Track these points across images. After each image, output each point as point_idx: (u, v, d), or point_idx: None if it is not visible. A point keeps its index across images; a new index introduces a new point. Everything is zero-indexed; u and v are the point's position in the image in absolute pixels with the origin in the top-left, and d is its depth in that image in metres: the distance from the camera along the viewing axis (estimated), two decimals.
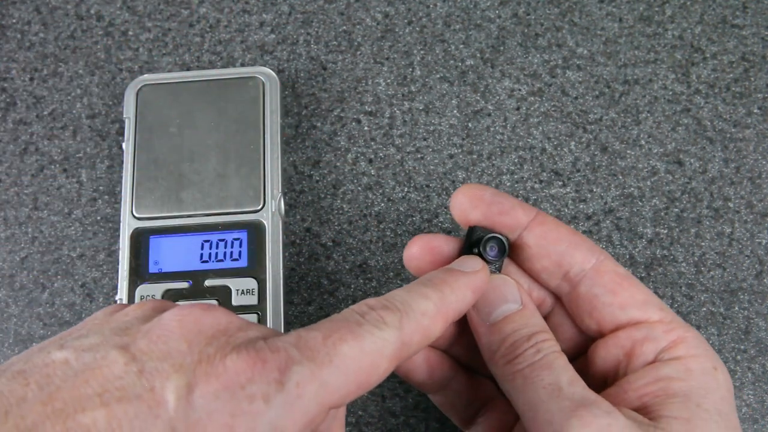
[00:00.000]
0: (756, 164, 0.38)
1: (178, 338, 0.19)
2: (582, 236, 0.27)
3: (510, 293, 0.26)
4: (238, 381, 0.19)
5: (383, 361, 0.21)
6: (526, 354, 0.24)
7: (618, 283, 0.26)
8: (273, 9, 0.42)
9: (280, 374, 0.19)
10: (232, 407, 0.18)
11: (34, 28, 0.42)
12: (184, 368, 0.18)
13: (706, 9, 0.41)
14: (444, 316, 0.23)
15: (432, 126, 0.39)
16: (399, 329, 0.22)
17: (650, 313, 0.26)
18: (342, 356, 0.20)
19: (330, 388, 0.20)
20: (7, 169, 0.39)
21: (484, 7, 0.42)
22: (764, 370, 0.35)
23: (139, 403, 0.17)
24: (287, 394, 0.19)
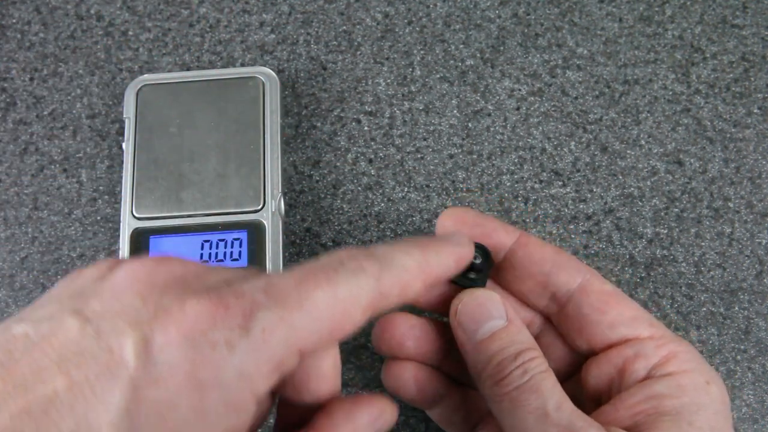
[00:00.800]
0: (756, 164, 0.38)
1: (132, 293, 0.19)
2: (567, 255, 0.27)
3: (495, 309, 0.26)
4: (198, 328, 0.18)
5: (357, 310, 0.21)
6: (512, 375, 0.24)
7: (605, 302, 0.26)
8: (273, 9, 0.42)
9: (244, 320, 0.19)
10: (193, 356, 0.18)
11: (34, 28, 0.42)
12: (140, 323, 0.18)
13: (706, 9, 0.41)
14: (425, 275, 0.23)
15: (432, 126, 0.39)
16: (377, 279, 0.21)
17: (640, 329, 0.26)
18: (313, 301, 0.20)
19: (299, 333, 0.19)
20: (7, 169, 0.39)
21: (484, 7, 0.42)
22: (764, 370, 0.35)
23: (97, 366, 0.17)
24: (252, 340, 0.18)
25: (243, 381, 0.18)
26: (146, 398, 0.17)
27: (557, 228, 0.37)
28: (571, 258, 0.27)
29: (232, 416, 0.18)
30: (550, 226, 0.37)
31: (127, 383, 0.17)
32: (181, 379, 0.17)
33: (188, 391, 0.17)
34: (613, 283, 0.36)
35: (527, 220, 0.38)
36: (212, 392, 0.18)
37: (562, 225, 0.37)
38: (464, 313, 0.26)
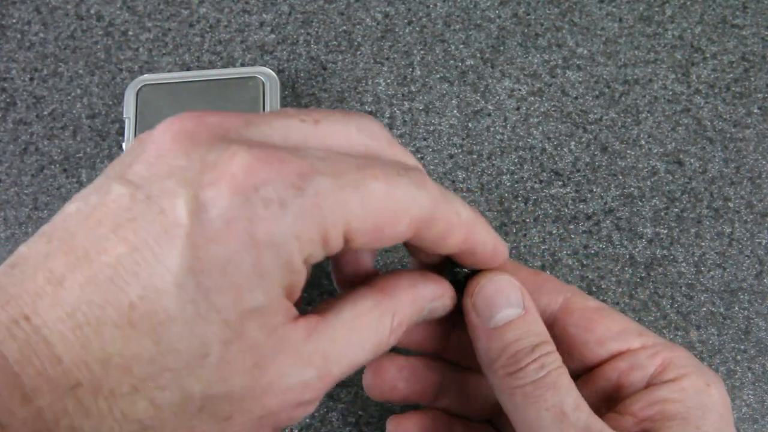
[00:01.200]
0: (756, 164, 0.38)
1: (175, 152, 0.18)
2: (544, 276, 0.27)
3: (513, 295, 0.25)
4: (250, 183, 0.17)
5: (405, 219, 0.20)
6: (528, 369, 0.23)
7: (590, 319, 0.25)
8: (273, 9, 0.42)
9: (299, 179, 0.18)
10: (248, 213, 0.17)
11: (34, 28, 0.42)
12: (189, 181, 0.17)
13: (706, 9, 0.41)
14: (466, 231, 0.23)
15: (432, 126, 0.39)
16: (433, 201, 0.21)
17: (630, 341, 0.25)
18: (369, 189, 0.19)
19: (349, 213, 0.19)
20: (7, 169, 0.39)
21: (484, 7, 0.42)
22: (764, 370, 0.35)
23: (153, 229, 0.17)
24: (305, 201, 0.18)
25: (295, 242, 0.18)
26: (207, 256, 0.17)
27: (557, 228, 0.37)
28: (549, 278, 0.27)
29: (287, 277, 0.18)
30: (550, 226, 0.37)
31: (186, 242, 0.17)
32: (238, 236, 0.17)
33: (246, 249, 0.17)
34: (612, 283, 0.37)
35: (527, 220, 0.38)
36: (268, 250, 0.18)
37: (562, 225, 0.37)
38: (481, 296, 0.25)
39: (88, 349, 0.16)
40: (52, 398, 0.16)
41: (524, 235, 0.37)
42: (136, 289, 0.17)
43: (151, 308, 0.17)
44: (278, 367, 0.19)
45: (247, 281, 0.18)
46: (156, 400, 0.17)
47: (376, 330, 0.22)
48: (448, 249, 0.23)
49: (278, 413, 0.19)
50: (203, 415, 0.18)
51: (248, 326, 0.18)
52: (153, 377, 0.17)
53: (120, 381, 0.17)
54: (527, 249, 0.37)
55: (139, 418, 0.17)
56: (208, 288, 0.17)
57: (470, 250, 0.24)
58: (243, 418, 0.19)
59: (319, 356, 0.20)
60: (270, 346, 0.19)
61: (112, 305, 0.17)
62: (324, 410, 0.35)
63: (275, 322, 0.19)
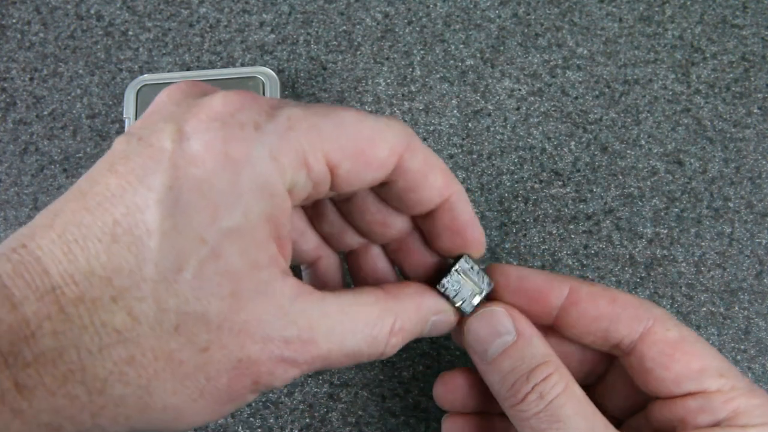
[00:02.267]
0: (756, 164, 0.38)
1: (168, 104, 0.20)
2: (623, 301, 0.25)
3: (501, 324, 0.25)
4: (226, 111, 0.19)
5: (384, 144, 0.21)
6: (528, 401, 0.23)
7: (669, 355, 0.24)
8: (273, 9, 0.42)
9: (271, 108, 0.20)
10: (224, 134, 0.19)
11: (34, 28, 0.42)
12: (174, 118, 0.19)
13: (706, 9, 0.41)
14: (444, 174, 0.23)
15: (432, 126, 0.39)
16: (408, 133, 0.22)
17: (708, 383, 0.24)
18: (340, 116, 0.21)
19: (324, 135, 0.20)
20: (7, 169, 0.39)
21: (484, 7, 0.42)
22: (764, 370, 0.35)
23: (142, 160, 0.19)
24: (278, 124, 0.19)
25: (272, 163, 0.19)
26: (186, 175, 0.18)
27: (557, 228, 0.37)
28: (629, 303, 0.25)
29: (266, 201, 0.19)
30: (550, 226, 0.37)
31: (167, 164, 0.18)
32: (214, 156, 0.19)
33: (223, 168, 0.19)
34: (612, 283, 0.36)
35: (527, 220, 0.38)
36: (244, 169, 0.19)
37: (562, 225, 0.37)
38: (471, 333, 0.25)
39: (74, 262, 0.18)
40: (37, 306, 0.17)
41: (524, 235, 0.37)
42: (120, 208, 0.18)
43: (132, 223, 0.18)
44: (257, 309, 0.19)
45: (224, 199, 0.19)
46: (134, 312, 0.18)
47: (373, 324, 0.22)
48: (431, 193, 0.23)
49: (258, 363, 0.20)
50: (180, 338, 0.19)
51: (227, 249, 0.19)
52: (131, 288, 0.18)
53: (101, 292, 0.18)
54: (527, 249, 0.37)
55: (117, 328, 0.18)
56: (187, 204, 0.18)
57: (450, 205, 0.24)
58: (220, 355, 0.19)
59: (305, 320, 0.20)
60: (249, 281, 0.19)
61: (98, 224, 0.18)
62: (324, 410, 0.35)
63: (258, 257, 0.19)
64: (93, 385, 0.18)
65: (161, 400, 0.19)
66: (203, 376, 0.19)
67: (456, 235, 0.25)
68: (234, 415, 0.35)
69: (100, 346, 0.18)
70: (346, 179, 0.21)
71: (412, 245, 0.26)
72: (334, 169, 0.21)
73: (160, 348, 0.18)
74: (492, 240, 0.37)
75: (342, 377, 0.36)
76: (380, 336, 0.22)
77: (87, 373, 0.18)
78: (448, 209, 0.24)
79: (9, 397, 0.17)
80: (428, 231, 0.25)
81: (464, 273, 0.25)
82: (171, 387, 0.19)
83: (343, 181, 0.21)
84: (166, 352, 0.19)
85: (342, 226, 0.26)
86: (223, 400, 0.20)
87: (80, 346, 0.18)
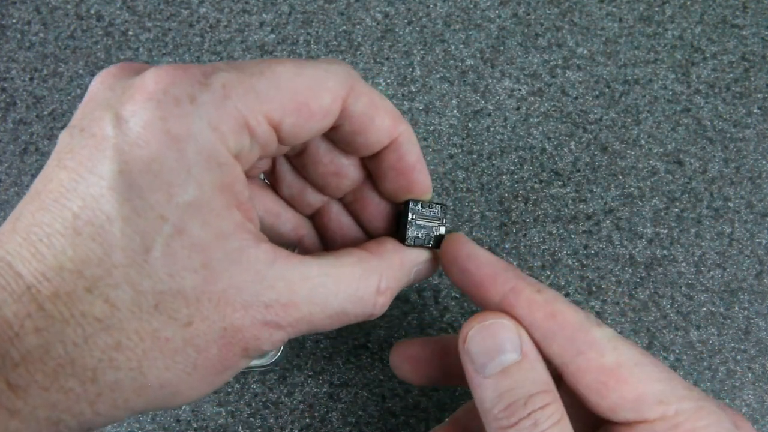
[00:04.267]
0: (756, 164, 0.38)
1: (102, 90, 0.20)
2: (561, 320, 0.23)
3: (509, 340, 0.23)
4: (159, 88, 0.19)
5: (325, 92, 0.21)
6: (520, 426, 0.22)
7: (603, 383, 0.23)
8: (273, 9, 0.42)
9: (203, 76, 0.20)
10: (161, 112, 0.19)
11: (34, 28, 0.42)
12: (111, 104, 0.19)
13: (706, 9, 0.41)
14: (391, 116, 0.23)
15: (432, 126, 0.39)
16: (349, 74, 0.22)
17: (646, 412, 0.22)
18: (275, 72, 0.20)
19: (262, 97, 0.20)
20: (7, 169, 0.39)
21: (484, 7, 0.42)
22: (764, 370, 0.35)
23: (87, 150, 0.19)
24: (213, 93, 0.19)
25: (213, 133, 0.19)
26: (133, 159, 0.19)
27: (557, 228, 0.37)
28: (568, 323, 0.23)
29: (215, 171, 0.19)
30: (550, 226, 0.37)
31: (113, 151, 0.19)
32: (156, 135, 0.19)
33: (167, 146, 0.19)
34: (612, 283, 0.36)
35: (527, 220, 0.38)
36: (188, 144, 0.19)
37: (562, 225, 0.37)
38: (474, 342, 0.23)
39: (42, 261, 0.18)
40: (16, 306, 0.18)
41: (524, 235, 0.37)
42: (77, 202, 0.19)
43: (92, 214, 0.18)
44: (232, 276, 0.20)
45: (175, 177, 0.19)
46: (110, 299, 0.18)
47: (358, 284, 0.22)
48: (378, 134, 0.23)
49: (242, 329, 0.20)
50: (161, 316, 0.19)
51: (189, 223, 0.19)
52: (103, 277, 0.18)
53: (75, 284, 0.18)
54: (527, 249, 0.37)
55: (97, 316, 0.18)
56: (141, 187, 0.19)
57: (398, 146, 0.24)
58: (204, 327, 0.19)
59: (285, 284, 0.20)
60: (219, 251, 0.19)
61: (59, 220, 0.19)
62: (324, 410, 0.35)
63: (222, 226, 0.19)
64: (84, 375, 0.18)
65: (156, 378, 0.19)
66: (192, 349, 0.19)
67: (401, 176, 0.25)
68: (234, 415, 0.35)
69: (85, 337, 0.18)
70: (292, 133, 0.21)
71: (366, 195, 0.26)
72: (278, 126, 0.21)
73: (143, 329, 0.19)
74: (492, 240, 0.37)
75: (342, 377, 0.36)
76: (366, 296, 0.22)
77: (76, 364, 0.18)
78: (395, 149, 0.24)
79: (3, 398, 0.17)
80: (376, 174, 0.25)
81: (419, 215, 0.25)
82: (163, 364, 0.19)
83: (289, 136, 0.21)
84: (150, 332, 0.19)
85: (300, 186, 0.26)
86: (217, 369, 0.20)
87: (65, 340, 0.18)
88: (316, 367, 0.36)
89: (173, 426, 0.35)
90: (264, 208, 0.26)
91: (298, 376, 0.36)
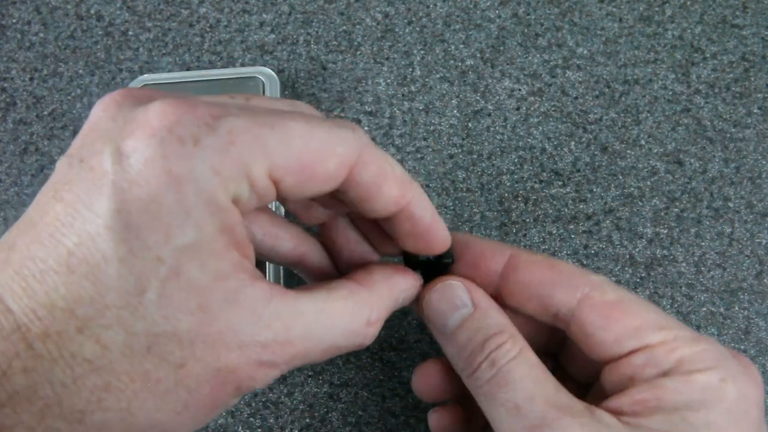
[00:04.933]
0: (756, 164, 0.38)
1: (104, 120, 0.20)
2: (560, 268, 0.26)
3: (458, 297, 0.25)
4: (163, 125, 0.19)
5: (332, 157, 0.21)
6: (482, 368, 0.23)
7: (607, 316, 0.25)
8: (273, 9, 0.42)
9: (212, 119, 0.19)
10: (163, 151, 0.18)
11: (34, 28, 0.42)
12: (112, 137, 0.19)
13: (706, 9, 0.41)
14: (401, 184, 0.23)
15: (432, 126, 0.39)
16: (361, 141, 0.21)
17: (647, 338, 0.24)
18: (287, 128, 0.20)
19: (268, 150, 0.20)
20: (7, 169, 0.39)
21: (484, 7, 0.42)
22: (764, 370, 0.35)
23: (85, 185, 0.19)
24: (218, 138, 0.19)
25: (215, 177, 0.19)
26: (131, 198, 0.18)
27: (557, 228, 0.37)
28: (566, 270, 0.26)
29: (216, 214, 0.19)
30: (550, 226, 0.37)
31: (111, 188, 0.18)
32: (157, 174, 0.18)
33: (167, 187, 0.18)
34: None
35: (527, 220, 0.38)
36: (188, 186, 0.19)
37: (562, 225, 0.37)
38: (429, 307, 0.26)
39: (34, 297, 0.18)
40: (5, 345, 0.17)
41: (524, 235, 0.37)
42: (73, 238, 0.18)
43: (87, 252, 0.18)
44: (230, 318, 0.19)
45: (174, 218, 0.18)
46: (102, 340, 0.18)
47: (350, 318, 0.22)
48: (386, 203, 0.23)
49: (237, 370, 0.20)
50: (154, 358, 0.18)
51: (186, 265, 0.19)
52: (96, 317, 0.18)
53: (66, 324, 0.18)
54: (527, 249, 0.37)
55: (87, 357, 0.18)
56: (138, 227, 0.18)
57: (409, 213, 0.23)
58: (198, 368, 0.19)
59: (281, 323, 0.20)
60: (216, 292, 0.19)
61: (53, 256, 0.18)
62: (324, 410, 0.35)
63: (220, 267, 0.19)
64: (72, 416, 0.18)
65: (145, 419, 0.19)
66: (184, 390, 0.19)
67: (419, 239, 0.25)
68: (234, 415, 0.35)
69: (74, 378, 0.18)
70: (291, 192, 0.21)
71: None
72: (278, 182, 0.20)
73: (134, 371, 0.18)
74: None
75: (342, 377, 0.36)
76: (358, 328, 0.23)
77: (64, 405, 0.18)
78: (407, 217, 0.24)
79: None
80: (390, 231, 0.25)
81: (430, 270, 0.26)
82: (153, 405, 0.19)
83: (288, 193, 0.21)
84: (141, 374, 0.18)
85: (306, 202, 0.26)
86: (207, 408, 0.20)
87: (53, 380, 0.18)
88: (316, 367, 0.36)
89: None
90: (262, 231, 0.26)
91: (298, 376, 0.36)
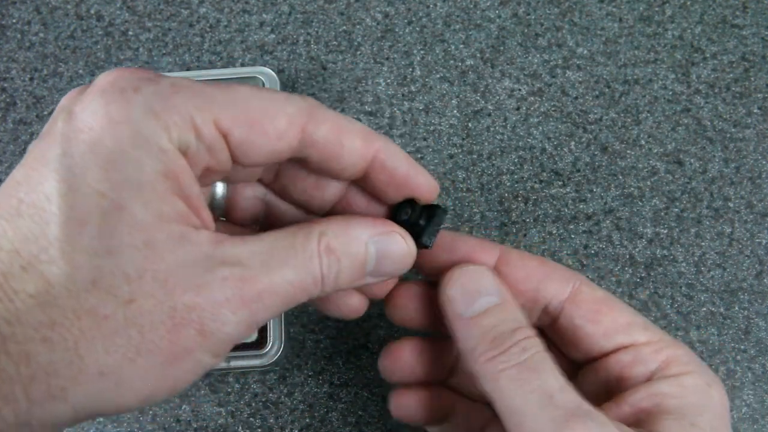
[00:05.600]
0: (756, 164, 0.38)
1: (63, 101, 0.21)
2: (552, 264, 0.26)
3: (489, 285, 0.25)
4: (108, 82, 0.20)
5: (281, 115, 0.21)
6: (510, 352, 0.23)
7: (597, 310, 0.25)
8: (273, 9, 0.42)
9: (156, 77, 0.20)
10: (104, 100, 0.19)
11: (34, 28, 0.42)
12: (67, 106, 0.20)
13: (706, 9, 0.41)
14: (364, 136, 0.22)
15: (432, 126, 0.39)
16: (310, 103, 0.21)
17: (636, 335, 0.25)
18: (233, 88, 0.21)
19: (212, 102, 0.20)
20: (7, 169, 0.39)
21: (484, 7, 0.42)
22: (764, 370, 0.35)
23: (40, 147, 0.20)
24: (159, 86, 0.20)
25: (153, 120, 0.19)
26: (76, 142, 0.19)
27: (557, 228, 0.37)
28: (557, 266, 0.26)
29: (157, 156, 0.19)
30: (550, 226, 0.37)
31: (60, 139, 0.19)
32: (98, 120, 0.19)
33: (107, 130, 0.19)
34: (612, 283, 0.37)
35: (527, 220, 0.38)
36: (126, 127, 0.19)
37: (562, 225, 0.37)
38: (456, 287, 0.25)
39: None
40: None
41: (524, 235, 0.37)
42: (24, 189, 0.19)
43: (35, 197, 0.19)
44: (179, 256, 0.19)
45: (115, 156, 0.19)
46: (45, 275, 0.18)
47: (301, 247, 0.21)
48: (351, 157, 0.22)
49: (197, 308, 0.19)
50: (99, 292, 0.18)
51: (129, 201, 0.19)
52: (39, 254, 0.18)
53: (11, 264, 0.18)
54: (527, 249, 0.37)
55: (30, 293, 0.18)
56: (80, 166, 0.19)
57: (381, 163, 0.23)
58: (149, 305, 0.19)
59: (236, 259, 0.20)
60: (161, 231, 0.19)
61: (5, 208, 0.19)
62: (324, 410, 0.35)
63: (164, 209, 0.19)
64: (18, 356, 0.18)
65: (94, 362, 0.18)
66: (135, 329, 0.18)
67: (402, 187, 0.24)
68: (234, 415, 0.35)
69: (17, 315, 0.18)
70: (244, 149, 0.21)
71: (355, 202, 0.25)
72: (227, 135, 0.20)
73: (80, 306, 0.18)
74: (492, 240, 0.37)
75: (342, 377, 0.36)
76: (313, 257, 0.21)
77: (9, 344, 0.17)
78: (381, 167, 0.23)
79: None
80: (371, 189, 0.24)
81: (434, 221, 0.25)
82: (102, 346, 0.18)
83: (240, 151, 0.21)
84: (87, 309, 0.18)
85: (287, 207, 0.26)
86: (167, 357, 0.19)
87: None
88: (316, 367, 0.36)
89: (173, 426, 0.35)
90: None
91: (298, 376, 0.36)
